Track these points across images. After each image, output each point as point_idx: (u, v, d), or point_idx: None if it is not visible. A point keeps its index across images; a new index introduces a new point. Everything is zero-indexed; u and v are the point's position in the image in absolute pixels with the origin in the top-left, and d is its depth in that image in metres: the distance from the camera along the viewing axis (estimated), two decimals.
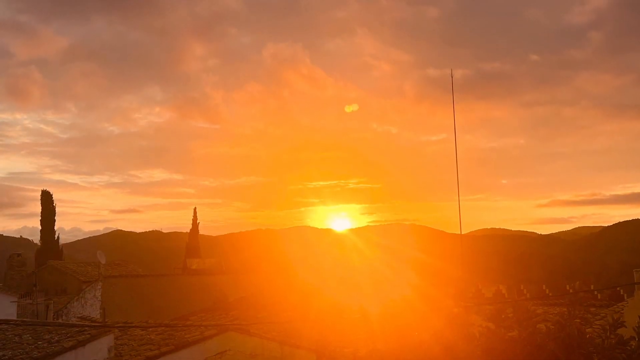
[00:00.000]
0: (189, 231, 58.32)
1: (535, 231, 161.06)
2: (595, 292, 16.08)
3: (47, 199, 54.49)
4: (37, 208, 54.50)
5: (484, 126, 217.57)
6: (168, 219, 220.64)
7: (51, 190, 58.77)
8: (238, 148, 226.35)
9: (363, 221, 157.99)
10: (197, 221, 57.97)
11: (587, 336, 4.68)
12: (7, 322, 16.42)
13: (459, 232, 21.83)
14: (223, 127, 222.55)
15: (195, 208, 60.24)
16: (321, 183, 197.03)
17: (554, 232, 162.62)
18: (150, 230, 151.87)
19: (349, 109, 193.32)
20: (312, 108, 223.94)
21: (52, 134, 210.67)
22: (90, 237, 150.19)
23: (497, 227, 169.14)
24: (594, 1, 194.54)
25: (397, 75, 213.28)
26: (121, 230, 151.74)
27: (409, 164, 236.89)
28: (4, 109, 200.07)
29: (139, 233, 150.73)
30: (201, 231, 60.55)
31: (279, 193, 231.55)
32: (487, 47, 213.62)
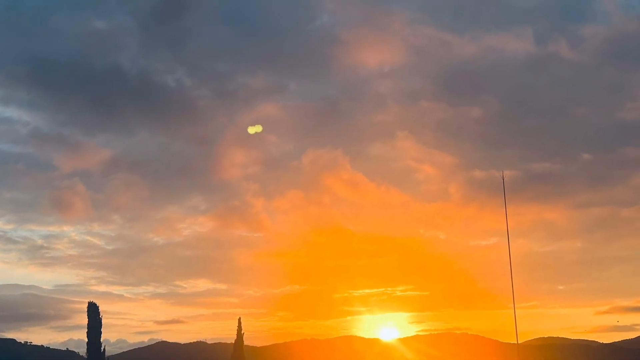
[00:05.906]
0: (233, 342, 57.73)
1: (596, 340, 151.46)
2: None
3: (93, 311, 55.34)
4: (84, 320, 55.17)
5: (537, 229, 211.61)
6: (212, 329, 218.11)
7: (97, 301, 59.56)
8: (281, 256, 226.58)
9: (411, 330, 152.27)
10: (242, 331, 57.49)
11: None
12: None
13: (515, 342, 21.01)
14: (265, 235, 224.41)
15: (240, 318, 59.75)
16: (367, 291, 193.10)
17: (616, 340, 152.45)
18: (195, 341, 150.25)
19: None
20: (354, 213, 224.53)
21: (98, 246, 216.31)
22: (135, 348, 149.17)
23: (554, 335, 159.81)
24: None
25: (442, 178, 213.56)
26: (166, 341, 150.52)
27: (458, 270, 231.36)
28: (52, 222, 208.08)
29: (184, 344, 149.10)
30: (246, 341, 59.82)
31: (324, 301, 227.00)
32: (534, 147, 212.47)
